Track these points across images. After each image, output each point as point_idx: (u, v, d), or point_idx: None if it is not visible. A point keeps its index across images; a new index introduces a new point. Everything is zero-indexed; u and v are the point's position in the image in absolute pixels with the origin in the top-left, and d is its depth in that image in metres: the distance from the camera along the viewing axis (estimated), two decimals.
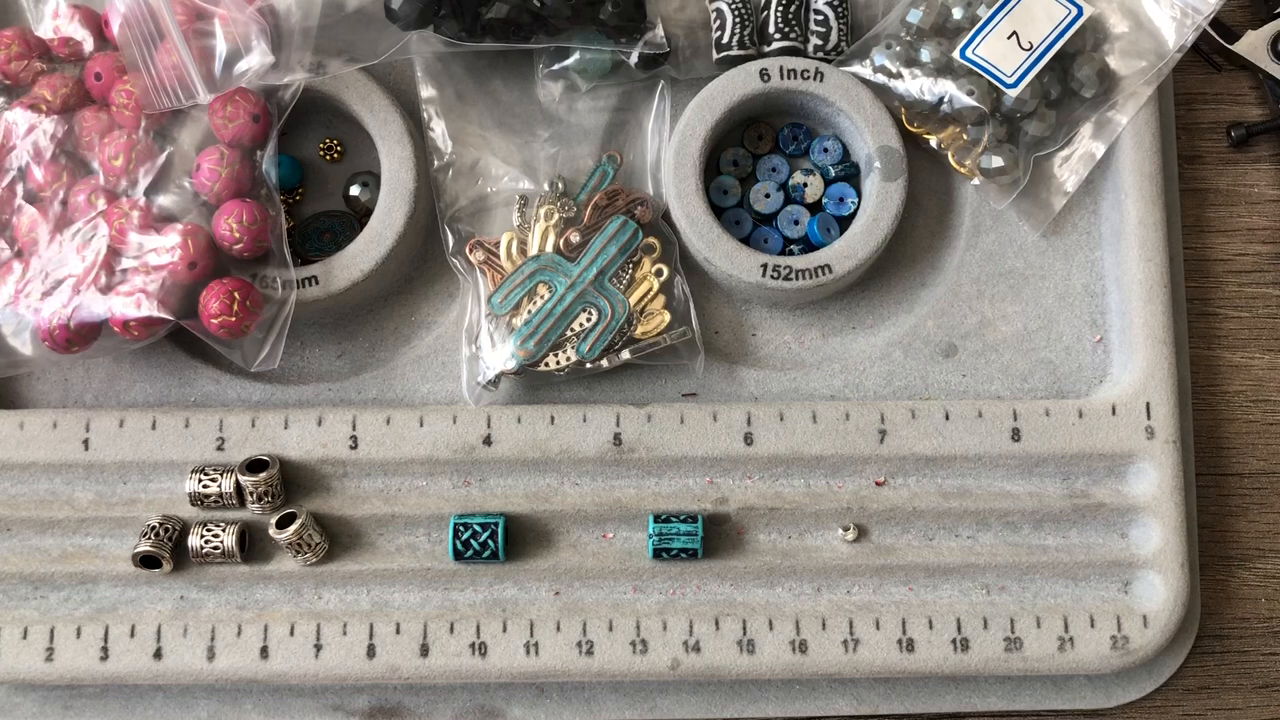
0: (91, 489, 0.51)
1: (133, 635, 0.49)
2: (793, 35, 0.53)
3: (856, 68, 0.53)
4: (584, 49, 0.52)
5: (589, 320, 0.51)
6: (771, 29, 0.53)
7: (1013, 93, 0.51)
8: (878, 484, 0.51)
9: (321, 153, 0.54)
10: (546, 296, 0.51)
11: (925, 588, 0.50)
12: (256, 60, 0.48)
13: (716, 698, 0.51)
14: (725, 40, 0.53)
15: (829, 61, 0.53)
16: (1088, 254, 0.54)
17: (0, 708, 0.51)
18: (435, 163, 0.52)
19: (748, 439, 0.50)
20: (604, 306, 0.51)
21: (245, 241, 0.48)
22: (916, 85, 0.52)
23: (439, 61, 0.53)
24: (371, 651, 0.49)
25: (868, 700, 0.52)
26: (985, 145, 0.52)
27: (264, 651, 0.49)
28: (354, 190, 0.54)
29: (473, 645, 0.49)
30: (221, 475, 0.49)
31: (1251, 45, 0.56)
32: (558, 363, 0.51)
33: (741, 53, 0.53)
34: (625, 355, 0.51)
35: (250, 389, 0.52)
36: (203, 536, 0.49)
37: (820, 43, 0.53)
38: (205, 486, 0.49)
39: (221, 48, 0.48)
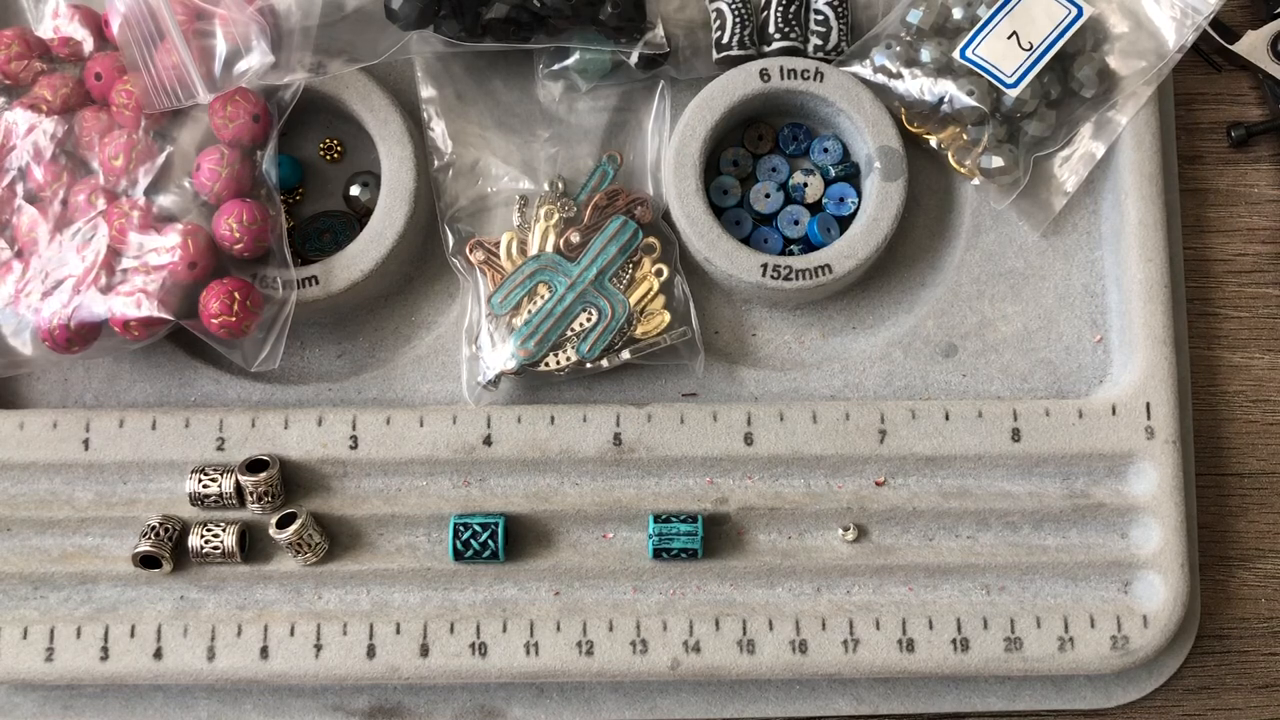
0: (91, 489, 0.51)
1: (133, 635, 0.49)
2: (793, 35, 0.53)
3: (856, 68, 0.53)
4: (584, 49, 0.52)
5: (589, 320, 0.51)
6: (771, 29, 0.53)
7: (1013, 93, 0.51)
8: (878, 484, 0.51)
9: (321, 153, 0.55)
10: (546, 296, 0.51)
11: (925, 588, 0.50)
12: (256, 60, 0.48)
13: (716, 698, 0.51)
14: (725, 40, 0.53)
15: (829, 61, 0.53)
16: (1088, 254, 0.54)
17: (0, 708, 0.51)
18: (435, 163, 0.52)
19: (748, 439, 0.50)
20: (604, 306, 0.51)
21: (245, 241, 0.48)
22: (916, 85, 0.52)
23: (439, 61, 0.53)
24: (371, 651, 0.49)
25: (868, 700, 0.52)
26: (985, 145, 0.52)
27: (264, 651, 0.49)
28: (354, 190, 0.54)
29: (473, 645, 0.49)
30: (221, 475, 0.49)
31: (1251, 45, 0.56)
32: (558, 363, 0.51)
33: (741, 53, 0.53)
34: (625, 355, 0.51)
35: (250, 389, 0.52)
36: (203, 536, 0.49)
37: (820, 43, 0.53)
38: (205, 486, 0.49)
39: (221, 48, 0.48)
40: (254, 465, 0.50)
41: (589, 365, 0.51)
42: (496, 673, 0.49)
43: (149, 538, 0.49)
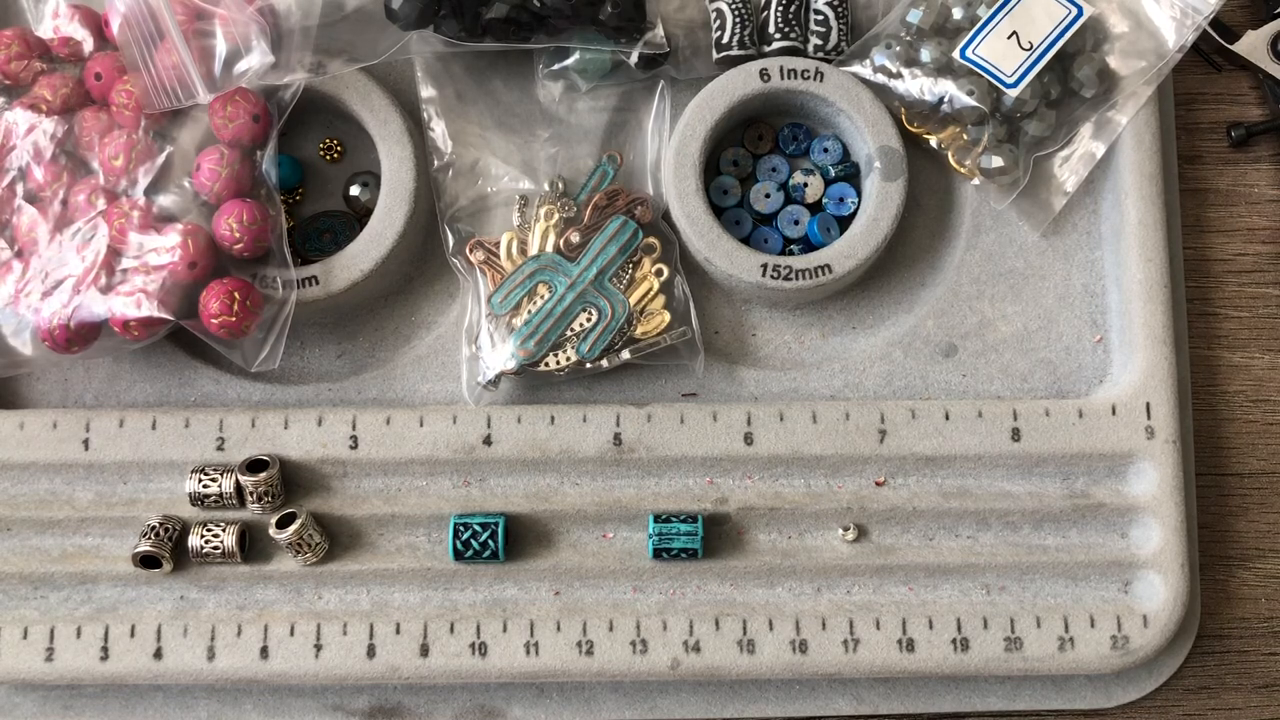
0: (91, 489, 0.51)
1: (133, 635, 0.49)
2: (793, 35, 0.53)
3: (856, 68, 0.53)
4: (584, 49, 0.52)
5: (589, 320, 0.51)
6: (771, 29, 0.53)
7: (1013, 93, 0.51)
8: (878, 484, 0.51)
9: (321, 153, 0.55)
10: (546, 296, 0.51)
11: (925, 588, 0.50)
12: (256, 60, 0.48)
13: (716, 698, 0.51)
14: (725, 40, 0.53)
15: (829, 61, 0.53)
16: (1088, 254, 0.54)
17: (0, 708, 0.51)
18: (435, 163, 0.52)
19: (748, 439, 0.50)
20: (604, 306, 0.51)
21: (245, 241, 0.48)
22: (916, 85, 0.52)
23: (439, 61, 0.53)
24: (371, 651, 0.49)
25: (868, 700, 0.52)
26: (985, 145, 0.52)
27: (264, 651, 0.49)
28: (354, 190, 0.54)
29: (473, 645, 0.49)
30: (221, 475, 0.49)
31: (1251, 45, 0.56)
32: (558, 363, 0.51)
33: (741, 53, 0.53)
34: (625, 355, 0.51)
35: (250, 389, 0.52)
36: (203, 536, 0.49)
37: (820, 43, 0.53)
38: (205, 486, 0.49)
39: (221, 48, 0.48)
40: (254, 465, 0.50)
41: (589, 365, 0.51)
42: (496, 673, 0.49)
43: (149, 538, 0.49)
